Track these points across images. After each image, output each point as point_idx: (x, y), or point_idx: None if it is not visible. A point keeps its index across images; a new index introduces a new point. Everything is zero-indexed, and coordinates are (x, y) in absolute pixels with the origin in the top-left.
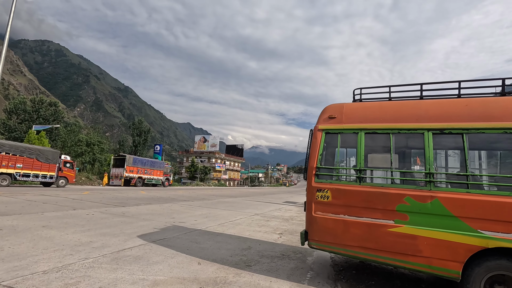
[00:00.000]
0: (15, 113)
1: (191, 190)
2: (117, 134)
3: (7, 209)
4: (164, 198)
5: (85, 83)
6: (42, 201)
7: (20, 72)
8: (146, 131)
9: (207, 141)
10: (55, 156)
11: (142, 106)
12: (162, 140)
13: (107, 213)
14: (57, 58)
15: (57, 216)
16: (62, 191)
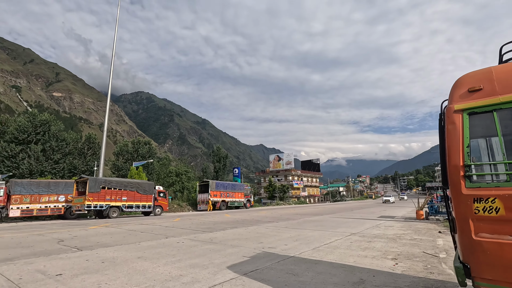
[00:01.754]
0: (121, 154)
1: (273, 210)
2: (200, 163)
3: (111, 240)
4: (248, 220)
5: (171, 121)
6: (140, 230)
7: (123, 121)
8: (224, 156)
9: (281, 159)
10: (151, 188)
11: (218, 135)
12: (239, 164)
13: (196, 240)
14: (147, 105)
15: (151, 245)
16: (158, 219)
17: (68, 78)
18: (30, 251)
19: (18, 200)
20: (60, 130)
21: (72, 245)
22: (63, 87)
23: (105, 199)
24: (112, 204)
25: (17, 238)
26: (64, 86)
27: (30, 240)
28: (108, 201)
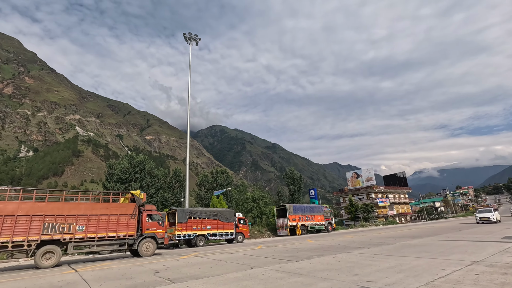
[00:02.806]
0: (203, 185)
1: (359, 233)
2: (274, 187)
3: (200, 271)
4: (334, 246)
5: (243, 149)
6: (226, 260)
7: (201, 154)
8: (298, 178)
9: (360, 176)
10: (231, 215)
11: (289, 157)
12: (313, 185)
13: (281, 271)
14: (221, 136)
15: (238, 277)
16: (241, 246)
17: (156, 122)
18: (132, 283)
19: None
20: (152, 168)
21: (166, 276)
22: (153, 130)
23: (192, 228)
24: (198, 233)
25: (122, 269)
26: (153, 130)
27: (132, 271)
28: (194, 230)
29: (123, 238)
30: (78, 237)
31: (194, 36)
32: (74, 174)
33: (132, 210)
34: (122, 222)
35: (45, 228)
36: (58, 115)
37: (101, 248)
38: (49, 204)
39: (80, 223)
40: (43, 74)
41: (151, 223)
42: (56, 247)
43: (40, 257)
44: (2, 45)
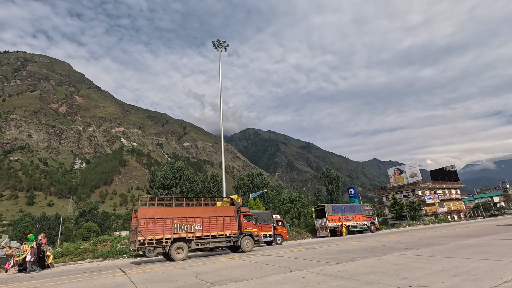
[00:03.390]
0: (239, 188)
1: (406, 232)
2: (311, 187)
3: (239, 273)
4: (378, 247)
5: (277, 151)
6: (265, 262)
7: (237, 157)
8: (336, 177)
9: (403, 172)
10: (269, 217)
11: (325, 156)
12: (352, 183)
13: (323, 274)
14: (255, 139)
15: (277, 281)
16: (280, 248)
17: (192, 129)
18: (175, 285)
19: None
20: (191, 173)
21: (207, 279)
22: (190, 137)
23: None
24: None
25: (166, 271)
26: (190, 137)
27: (176, 274)
28: None
29: (228, 236)
30: (197, 235)
31: (222, 42)
32: (122, 182)
33: (233, 212)
34: (226, 223)
35: (175, 228)
36: (105, 128)
37: (214, 244)
38: (175, 209)
39: (198, 224)
40: (90, 92)
41: (248, 223)
42: (184, 244)
43: (174, 251)
44: (56, 69)
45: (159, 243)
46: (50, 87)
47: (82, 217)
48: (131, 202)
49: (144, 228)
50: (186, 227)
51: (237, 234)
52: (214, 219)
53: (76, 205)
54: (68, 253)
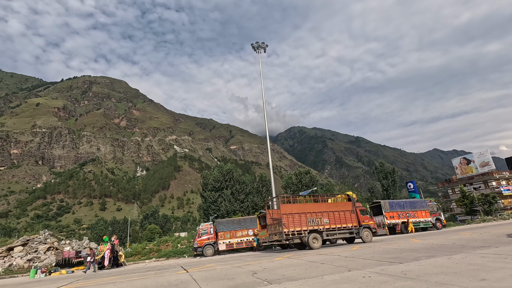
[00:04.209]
0: (288, 187)
1: (480, 229)
2: (364, 183)
3: (295, 272)
4: (447, 245)
5: (324, 147)
6: (320, 262)
7: (283, 157)
8: (391, 172)
9: (471, 161)
10: None
11: (377, 150)
12: (410, 177)
13: (384, 273)
14: (300, 137)
15: (335, 280)
16: (335, 247)
17: (238, 132)
18: (233, 283)
19: (222, 236)
20: (240, 175)
21: (263, 277)
22: (236, 140)
23: None
24: None
25: (224, 270)
26: (236, 140)
27: (233, 272)
28: None
29: (350, 228)
30: (326, 228)
31: (261, 44)
32: (178, 187)
33: (351, 207)
34: (347, 216)
35: (309, 221)
36: (160, 137)
37: (340, 235)
38: (306, 205)
39: (325, 218)
40: (145, 105)
41: (364, 217)
42: (318, 235)
43: (311, 241)
44: (115, 87)
45: (299, 234)
46: (111, 104)
47: (145, 220)
48: (187, 204)
49: (287, 221)
50: (317, 220)
51: (357, 226)
52: (337, 213)
53: (140, 209)
54: (136, 252)
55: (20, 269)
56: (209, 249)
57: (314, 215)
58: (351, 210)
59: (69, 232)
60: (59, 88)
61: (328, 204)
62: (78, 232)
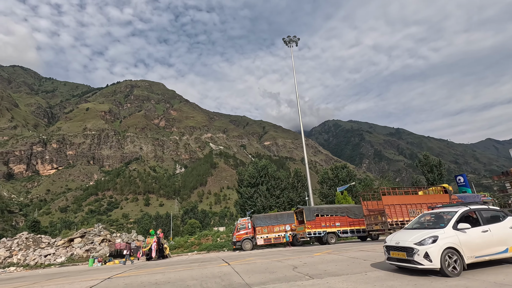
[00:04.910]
0: (324, 182)
1: None
2: (406, 177)
3: (336, 268)
4: None
5: (361, 141)
6: (363, 258)
7: (318, 151)
8: (437, 165)
9: None
10: (360, 211)
11: (420, 141)
12: (460, 170)
13: None
14: (335, 131)
15: (379, 277)
16: (377, 244)
17: (271, 128)
18: (275, 276)
19: (260, 231)
20: (275, 170)
21: (305, 272)
22: (269, 136)
23: (321, 226)
24: (328, 230)
25: (264, 264)
26: (270, 135)
27: (273, 266)
28: (324, 227)
29: None
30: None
31: (293, 38)
32: (214, 183)
33: (448, 199)
34: None
35: (410, 212)
36: (196, 136)
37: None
38: (405, 197)
39: (423, 209)
40: (181, 106)
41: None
42: None
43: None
44: (154, 90)
45: (402, 224)
46: (151, 106)
47: (186, 215)
48: (224, 200)
49: (389, 212)
50: (417, 211)
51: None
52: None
53: (180, 205)
54: (179, 245)
55: (80, 258)
56: (248, 243)
57: (414, 206)
58: (449, 202)
59: (118, 226)
60: (105, 93)
61: (427, 196)
62: (126, 225)
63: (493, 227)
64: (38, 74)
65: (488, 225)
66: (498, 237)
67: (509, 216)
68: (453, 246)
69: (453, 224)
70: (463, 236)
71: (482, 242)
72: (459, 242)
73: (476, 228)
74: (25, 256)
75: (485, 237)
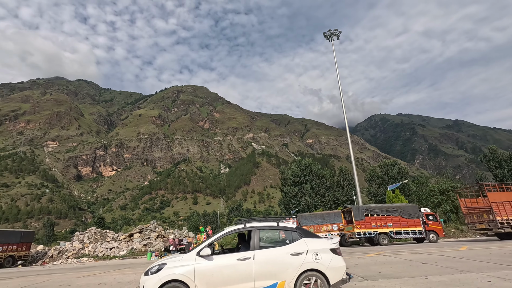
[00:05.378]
0: (372, 180)
1: None
2: (468, 174)
3: (392, 270)
4: None
5: (413, 135)
6: (421, 261)
7: (364, 148)
8: (507, 159)
9: None
10: (415, 211)
11: (484, 133)
12: None
13: (510, 279)
14: (383, 126)
15: (443, 282)
16: (436, 247)
17: (313, 126)
18: None
19: None
20: (318, 169)
21: (357, 273)
22: (312, 134)
23: (371, 226)
24: (379, 230)
25: None
26: (312, 133)
27: None
28: (374, 228)
29: None
30: None
31: (334, 31)
32: (258, 182)
33: None
34: None
35: None
36: (238, 136)
37: None
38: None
39: None
40: (224, 107)
41: None
42: None
43: None
44: (198, 94)
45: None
46: (196, 109)
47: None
48: (267, 199)
49: (497, 210)
50: None
51: None
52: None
53: (225, 203)
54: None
55: (139, 252)
56: None
57: None
58: None
59: (170, 223)
60: (154, 100)
61: None
62: (177, 223)
63: (263, 253)
64: (98, 86)
65: (256, 251)
66: (264, 267)
67: (303, 238)
68: (179, 278)
69: (201, 248)
70: (203, 265)
71: (234, 274)
72: (193, 273)
73: (231, 255)
74: (94, 248)
75: (240, 268)
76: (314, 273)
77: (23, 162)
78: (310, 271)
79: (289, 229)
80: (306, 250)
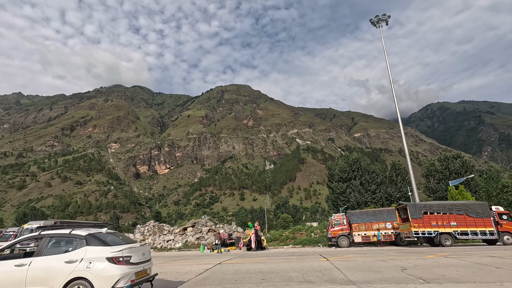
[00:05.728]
0: (430, 175)
1: None
2: None
3: (458, 274)
4: None
5: (479, 124)
6: (494, 265)
7: (420, 140)
8: None
9: None
10: (484, 209)
11: None
12: None
13: None
14: (442, 115)
15: None
16: (511, 250)
17: (361, 119)
18: (380, 276)
19: (357, 228)
20: (368, 164)
21: (417, 275)
22: (360, 127)
23: (431, 225)
24: (441, 230)
25: (366, 262)
26: (360, 126)
27: (377, 265)
28: (435, 227)
29: None
30: None
31: (382, 16)
32: (303, 178)
33: None
34: None
35: None
36: (282, 132)
37: None
38: None
39: None
40: (267, 104)
41: None
42: None
43: None
44: (241, 92)
45: None
46: (240, 108)
47: (278, 210)
48: (314, 195)
49: None
50: None
51: None
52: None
53: (271, 199)
54: (275, 238)
55: (193, 244)
56: (344, 240)
57: None
58: None
59: (219, 218)
60: (201, 100)
61: None
62: (226, 218)
63: (41, 260)
64: (151, 91)
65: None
66: (37, 274)
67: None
68: None
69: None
70: None
71: (8, 279)
72: None
73: (12, 261)
74: (154, 240)
75: (15, 274)
76: (82, 282)
77: (92, 162)
78: (79, 279)
79: (78, 237)
80: (81, 258)
